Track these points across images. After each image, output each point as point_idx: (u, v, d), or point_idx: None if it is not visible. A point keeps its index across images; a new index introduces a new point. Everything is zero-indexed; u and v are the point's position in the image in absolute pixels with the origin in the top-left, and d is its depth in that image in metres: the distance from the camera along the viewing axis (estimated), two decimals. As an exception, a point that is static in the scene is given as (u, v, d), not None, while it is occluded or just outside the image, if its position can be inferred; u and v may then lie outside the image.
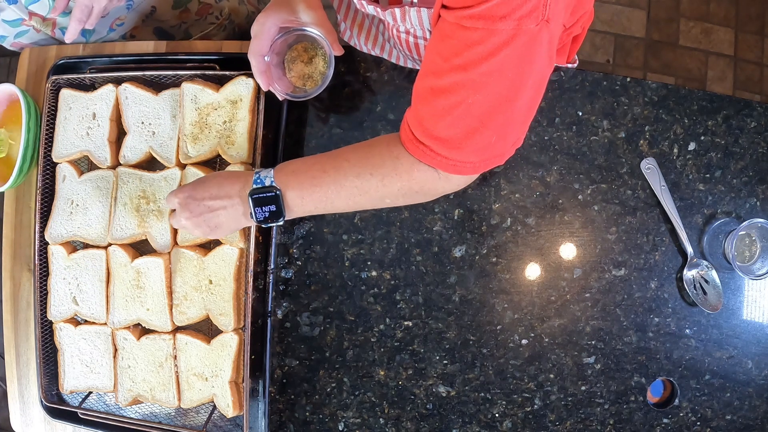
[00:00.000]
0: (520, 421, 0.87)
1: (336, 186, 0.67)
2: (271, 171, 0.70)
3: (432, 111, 0.60)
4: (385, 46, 0.88)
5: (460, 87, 0.56)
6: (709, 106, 0.90)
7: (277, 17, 0.74)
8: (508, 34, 0.52)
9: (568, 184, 0.89)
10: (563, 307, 0.88)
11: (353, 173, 0.66)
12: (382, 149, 0.67)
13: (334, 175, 0.67)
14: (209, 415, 0.85)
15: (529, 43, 0.53)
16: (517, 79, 0.56)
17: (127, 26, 0.99)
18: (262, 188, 0.69)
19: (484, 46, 0.53)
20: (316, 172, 0.68)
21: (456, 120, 0.58)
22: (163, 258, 0.85)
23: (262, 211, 0.69)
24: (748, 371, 0.89)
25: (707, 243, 0.89)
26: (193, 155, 0.86)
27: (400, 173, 0.65)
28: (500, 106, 0.57)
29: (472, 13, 0.52)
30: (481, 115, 0.57)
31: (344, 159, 0.68)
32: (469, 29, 0.53)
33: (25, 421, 0.94)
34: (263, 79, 0.77)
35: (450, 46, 0.56)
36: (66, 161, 0.91)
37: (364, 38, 0.89)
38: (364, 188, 0.67)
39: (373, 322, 0.88)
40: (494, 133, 0.60)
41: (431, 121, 0.60)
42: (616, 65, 1.94)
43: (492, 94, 0.56)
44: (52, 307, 0.89)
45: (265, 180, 0.69)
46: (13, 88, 0.92)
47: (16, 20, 0.90)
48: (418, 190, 0.67)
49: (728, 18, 1.97)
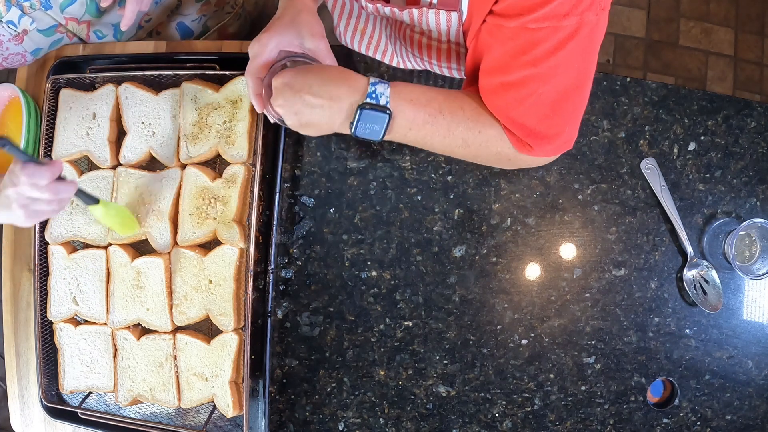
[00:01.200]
0: (520, 421, 0.87)
1: (446, 131, 0.67)
2: (387, 87, 0.65)
3: (505, 102, 0.64)
4: (386, 51, 0.88)
5: (530, 80, 0.60)
6: (709, 106, 0.90)
7: (280, 40, 0.72)
8: (572, 28, 0.56)
9: (568, 184, 0.89)
10: (563, 307, 0.88)
11: (465, 125, 0.67)
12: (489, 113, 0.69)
13: (449, 119, 0.67)
14: (209, 415, 0.85)
15: (590, 33, 0.57)
16: (582, 67, 0.61)
17: (154, 22, 0.99)
18: (376, 105, 0.64)
19: (550, 42, 0.57)
20: (433, 110, 0.67)
21: (528, 109, 0.63)
22: (163, 258, 0.85)
23: (365, 127, 0.65)
24: (748, 371, 0.89)
25: (707, 243, 0.89)
26: (193, 155, 0.86)
27: (504, 139, 0.68)
28: (568, 93, 0.62)
29: (537, 15, 0.55)
30: (551, 102, 0.62)
31: (460, 106, 0.68)
32: (535, 30, 0.56)
33: (25, 421, 0.94)
34: (258, 102, 0.74)
35: (515, 47, 0.59)
36: (66, 161, 0.90)
37: (365, 47, 0.88)
38: (469, 142, 0.68)
39: (373, 322, 0.88)
40: (566, 120, 0.66)
41: (506, 110, 0.65)
42: (616, 65, 1.94)
43: (560, 84, 0.61)
44: (52, 307, 0.89)
45: (380, 98, 0.64)
46: (13, 87, 0.92)
47: (51, 28, 0.89)
48: (511, 158, 0.70)
49: (728, 18, 1.97)
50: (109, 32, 0.95)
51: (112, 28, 0.95)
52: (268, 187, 0.88)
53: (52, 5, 0.85)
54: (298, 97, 0.65)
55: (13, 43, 0.86)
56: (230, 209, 0.84)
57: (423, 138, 0.68)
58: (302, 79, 0.65)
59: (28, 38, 0.87)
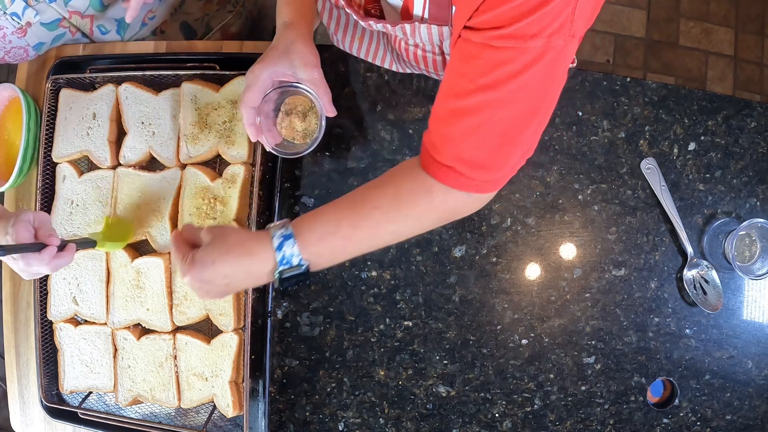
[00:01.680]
0: (520, 421, 0.87)
1: (371, 238, 0.64)
2: (294, 245, 0.61)
3: (456, 132, 0.58)
4: (386, 58, 0.88)
5: (486, 106, 0.55)
6: (709, 106, 0.90)
7: (273, 71, 0.72)
8: (538, 52, 0.52)
9: (568, 184, 0.89)
10: (563, 307, 0.88)
11: (387, 220, 0.62)
12: (410, 185, 0.63)
13: (368, 229, 0.63)
14: (209, 415, 0.85)
15: (556, 58, 0.53)
16: (543, 94, 0.56)
17: (158, 20, 0.99)
18: (290, 268, 0.62)
19: (514, 64, 0.53)
20: (347, 230, 0.62)
21: (481, 140, 0.57)
22: (163, 258, 0.85)
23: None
24: (748, 371, 0.89)
25: (707, 243, 0.89)
26: (193, 155, 0.86)
27: (435, 206, 0.63)
28: (524, 121, 0.57)
29: (503, 33, 0.51)
30: (505, 131, 0.57)
31: (373, 206, 0.63)
32: (499, 49, 0.53)
33: (25, 421, 0.94)
34: (252, 131, 0.75)
35: (476, 67, 0.55)
36: (66, 161, 0.91)
37: (365, 51, 0.88)
38: (400, 231, 0.64)
39: (373, 322, 0.88)
40: (519, 149, 0.60)
41: (456, 141, 0.59)
42: (616, 65, 1.94)
43: (517, 111, 0.56)
44: (52, 307, 0.89)
45: (291, 259, 0.61)
46: (13, 88, 0.92)
47: (54, 21, 0.88)
48: (450, 216, 0.66)
49: (728, 18, 1.97)
50: (112, 27, 0.95)
51: (116, 23, 0.94)
52: (268, 187, 0.88)
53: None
54: (220, 285, 0.63)
55: (16, 36, 0.85)
56: (230, 209, 0.84)
57: (353, 254, 0.64)
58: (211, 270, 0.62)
59: (32, 31, 0.87)
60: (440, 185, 0.62)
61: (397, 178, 0.65)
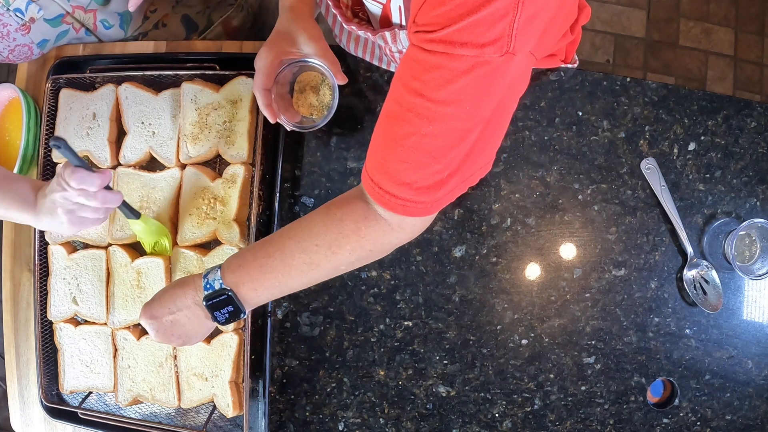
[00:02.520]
0: (520, 421, 0.87)
1: (285, 267, 0.63)
2: (218, 272, 0.65)
3: (386, 139, 0.56)
4: (383, 59, 0.88)
5: (415, 114, 0.53)
6: (709, 106, 0.90)
7: (279, 50, 0.74)
8: (469, 62, 0.49)
9: (568, 184, 0.89)
10: (563, 307, 0.88)
11: (299, 249, 0.62)
12: (323, 216, 0.63)
13: (280, 257, 0.63)
14: (209, 415, 0.85)
15: (490, 73, 0.50)
16: (474, 112, 0.52)
17: (160, 13, 1.00)
18: (214, 293, 0.64)
19: (443, 71, 0.50)
20: (262, 259, 0.64)
21: (407, 152, 0.54)
22: (163, 258, 0.85)
23: (222, 314, 0.65)
24: (748, 371, 0.89)
25: (707, 243, 0.89)
26: (193, 155, 0.86)
27: (347, 235, 0.61)
28: (454, 139, 0.54)
29: (434, 37, 0.49)
30: (433, 149, 0.54)
31: (288, 237, 0.64)
32: (430, 53, 0.50)
33: (25, 421, 0.94)
34: (269, 113, 0.76)
35: (410, 70, 0.53)
36: (66, 161, 0.90)
37: (362, 51, 0.89)
38: (313, 262, 0.63)
39: (373, 322, 0.88)
40: (446, 169, 0.56)
41: (384, 151, 0.57)
42: (616, 65, 1.94)
43: (447, 127, 0.53)
44: (52, 307, 0.89)
45: (214, 284, 0.65)
46: (13, 88, 0.92)
47: (58, 17, 0.88)
48: (371, 248, 0.62)
49: (728, 18, 1.97)
50: (115, 22, 0.95)
51: (119, 17, 0.94)
52: (268, 187, 0.88)
53: None
54: (165, 321, 0.68)
55: (20, 33, 0.85)
56: (230, 209, 0.84)
57: (275, 288, 0.65)
58: (157, 305, 0.68)
59: (35, 28, 0.87)
60: (355, 209, 0.61)
61: (314, 213, 0.65)
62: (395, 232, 0.61)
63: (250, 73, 0.84)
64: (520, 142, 0.89)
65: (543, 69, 0.89)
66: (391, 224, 0.61)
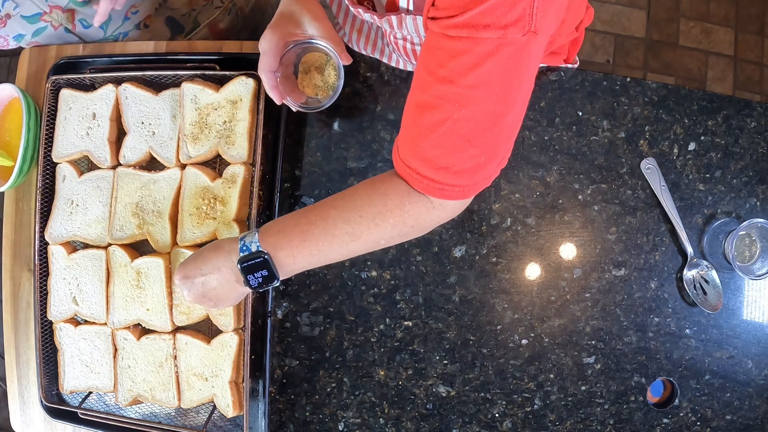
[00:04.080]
0: (520, 421, 0.87)
1: (326, 236, 0.64)
2: (256, 234, 0.66)
3: (418, 129, 0.57)
4: (384, 50, 0.88)
5: (446, 101, 0.53)
6: (709, 106, 0.90)
7: (284, 32, 0.74)
8: (493, 44, 0.50)
9: (568, 184, 0.89)
10: (563, 307, 0.88)
11: (342, 219, 0.63)
12: (368, 189, 0.64)
13: (322, 225, 0.64)
14: (209, 415, 0.85)
15: (515, 54, 0.51)
16: (504, 94, 0.53)
17: (141, 15, 0.99)
18: (250, 255, 0.65)
19: (469, 56, 0.51)
20: (304, 226, 0.65)
21: (442, 138, 0.55)
22: (163, 258, 0.85)
23: (255, 278, 0.66)
24: (748, 371, 0.89)
25: (707, 243, 0.89)
26: (193, 155, 0.86)
27: (390, 209, 0.62)
28: (487, 122, 0.54)
29: (456, 22, 0.50)
30: (467, 133, 0.55)
31: (331, 207, 0.65)
32: (454, 39, 0.51)
33: (25, 421, 0.94)
34: (275, 94, 0.76)
35: (435, 58, 0.53)
36: (66, 161, 0.91)
37: (363, 42, 0.89)
38: (356, 233, 0.63)
39: (373, 322, 0.88)
40: (483, 153, 0.56)
41: (418, 139, 0.57)
42: (616, 65, 1.94)
43: (479, 110, 0.53)
44: (52, 307, 0.89)
45: (251, 246, 0.65)
46: (13, 88, 0.92)
47: (35, 15, 0.88)
48: (414, 224, 0.63)
49: (728, 18, 1.97)
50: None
51: None
52: (268, 187, 0.88)
53: None
54: (197, 282, 0.69)
55: None
56: (230, 209, 0.84)
57: (314, 256, 0.65)
58: (192, 264, 0.69)
59: (11, 23, 0.87)
60: (397, 189, 0.61)
61: (359, 186, 0.66)
62: (437, 210, 0.62)
63: (251, 73, 0.84)
64: (520, 142, 0.89)
65: (543, 69, 0.89)
66: (434, 203, 0.62)
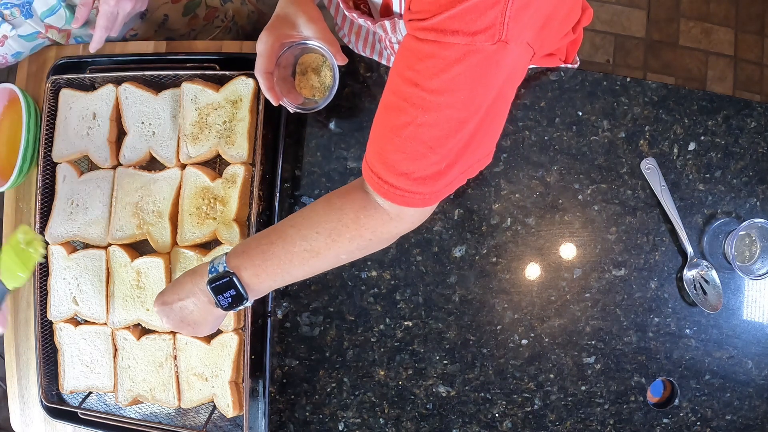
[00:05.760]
0: (520, 421, 0.87)
1: (286, 254, 0.64)
2: (223, 256, 0.67)
3: (383, 130, 0.57)
4: (382, 53, 0.88)
5: (410, 104, 0.53)
6: (709, 106, 0.90)
7: (279, 33, 0.74)
8: (461, 51, 0.49)
9: (568, 184, 0.89)
10: (563, 307, 0.88)
11: (299, 236, 0.64)
12: (324, 205, 0.64)
13: (281, 244, 0.64)
14: (209, 415, 0.85)
15: (483, 62, 0.50)
16: (469, 102, 0.52)
17: (141, 37, 1.00)
18: (217, 275, 0.66)
19: (435, 60, 0.50)
20: (264, 246, 0.65)
21: (404, 142, 0.55)
22: (163, 258, 0.85)
23: (225, 298, 0.66)
24: (748, 371, 0.89)
25: (707, 243, 0.89)
26: (193, 155, 0.86)
27: (346, 223, 0.62)
28: (450, 129, 0.54)
29: (426, 25, 0.49)
30: (429, 139, 0.54)
31: (289, 225, 0.65)
32: (423, 41, 0.51)
33: (25, 421, 0.94)
34: (272, 96, 0.77)
35: (405, 59, 0.53)
36: (66, 161, 0.91)
37: (362, 44, 0.89)
38: (314, 249, 0.63)
39: (373, 322, 0.88)
40: (443, 160, 0.55)
41: (382, 141, 0.57)
42: (616, 65, 1.94)
43: (442, 117, 0.53)
44: (52, 307, 0.89)
45: (218, 267, 0.66)
46: (13, 88, 0.92)
47: (32, 34, 0.90)
48: (371, 237, 0.63)
49: (728, 18, 1.97)
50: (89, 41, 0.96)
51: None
52: (268, 187, 0.88)
53: (32, 14, 0.86)
54: (175, 308, 0.69)
55: None
56: (230, 209, 0.84)
57: (278, 275, 0.66)
58: (169, 292, 0.70)
59: (9, 43, 0.88)
60: (355, 199, 0.61)
61: (316, 202, 0.66)
62: (394, 221, 0.62)
63: (250, 73, 0.84)
64: (520, 142, 0.89)
65: (543, 69, 0.89)
66: (390, 214, 0.61)
